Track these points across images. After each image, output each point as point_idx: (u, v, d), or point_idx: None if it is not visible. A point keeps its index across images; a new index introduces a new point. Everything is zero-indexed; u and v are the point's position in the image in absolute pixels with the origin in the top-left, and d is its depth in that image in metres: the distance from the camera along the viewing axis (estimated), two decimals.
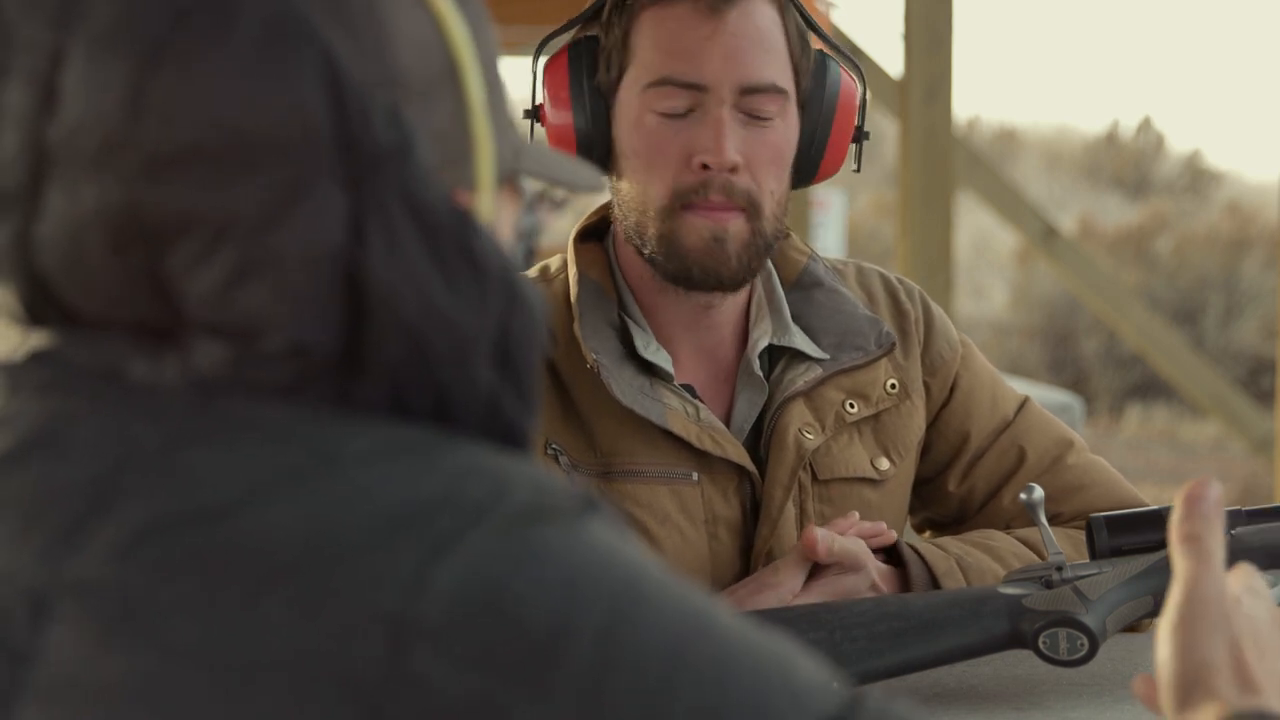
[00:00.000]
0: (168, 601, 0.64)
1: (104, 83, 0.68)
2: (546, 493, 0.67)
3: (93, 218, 0.69)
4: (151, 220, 0.69)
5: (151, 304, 0.70)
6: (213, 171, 0.68)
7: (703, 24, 1.56)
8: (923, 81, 4.88)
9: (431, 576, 0.63)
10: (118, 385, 0.70)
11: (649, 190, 1.57)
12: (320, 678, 0.62)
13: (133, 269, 0.70)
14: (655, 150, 1.57)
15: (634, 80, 1.58)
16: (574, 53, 1.60)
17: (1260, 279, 12.66)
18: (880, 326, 1.69)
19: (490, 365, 0.71)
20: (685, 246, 1.57)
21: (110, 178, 0.69)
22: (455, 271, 0.70)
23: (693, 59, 1.56)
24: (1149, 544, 1.47)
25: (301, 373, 0.70)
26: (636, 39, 1.58)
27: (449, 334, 0.70)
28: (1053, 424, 1.76)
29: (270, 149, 0.68)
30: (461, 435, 0.70)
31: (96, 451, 0.68)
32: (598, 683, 0.62)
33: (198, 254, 0.68)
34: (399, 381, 0.70)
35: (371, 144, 0.69)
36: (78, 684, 0.64)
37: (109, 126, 0.68)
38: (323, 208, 0.68)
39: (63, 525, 0.67)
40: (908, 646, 1.41)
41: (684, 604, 0.66)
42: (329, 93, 0.69)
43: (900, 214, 5.08)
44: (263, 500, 0.65)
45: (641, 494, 1.59)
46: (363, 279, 0.69)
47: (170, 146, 0.68)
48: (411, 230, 0.69)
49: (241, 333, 0.69)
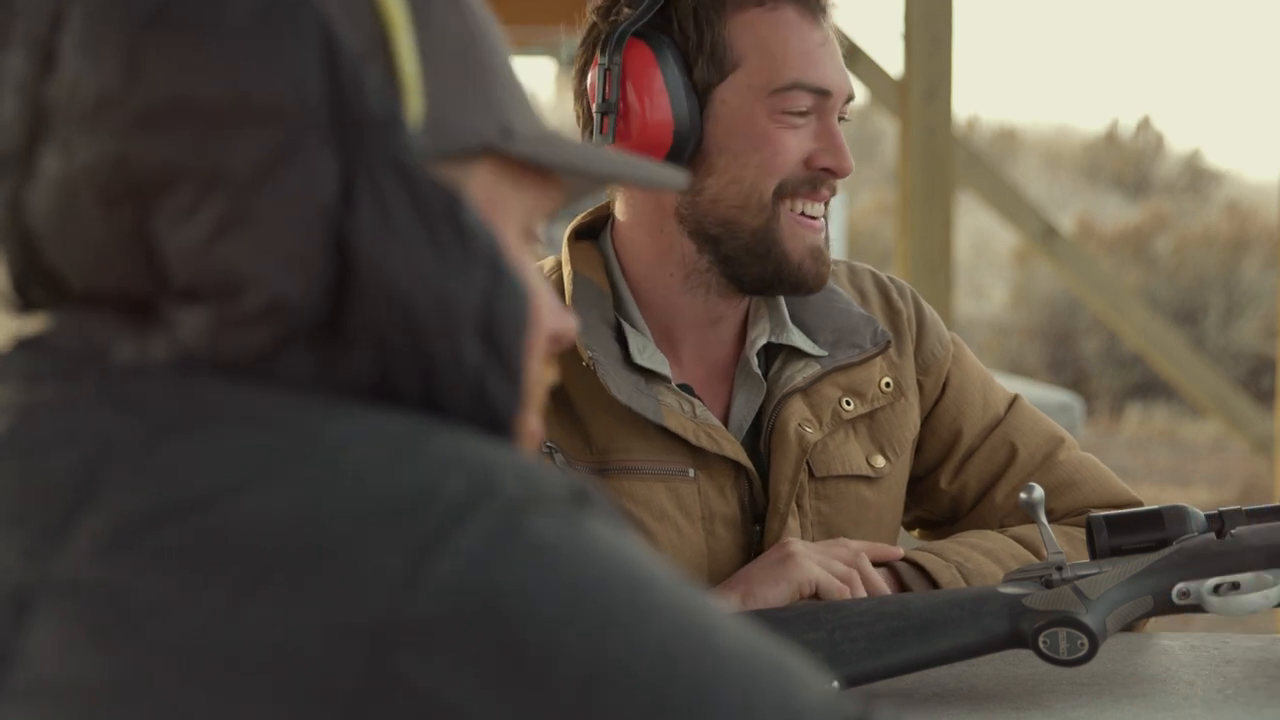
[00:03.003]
0: (151, 599, 0.63)
1: (101, 44, 0.69)
2: (534, 482, 0.66)
3: (85, 172, 0.70)
4: (141, 173, 0.69)
5: (136, 267, 0.70)
6: (204, 126, 0.68)
7: (813, 30, 1.61)
8: (923, 81, 4.88)
9: (419, 578, 0.62)
10: (102, 371, 0.70)
11: (760, 184, 1.60)
12: (305, 679, 0.61)
13: (121, 225, 0.70)
14: (774, 152, 1.59)
15: (745, 82, 1.59)
16: (659, 51, 1.59)
17: (1260, 279, 12.65)
18: (875, 324, 1.71)
19: (476, 341, 0.71)
20: (785, 249, 1.60)
21: (104, 132, 0.69)
22: (443, 241, 0.70)
23: (817, 65, 1.60)
24: (1149, 544, 1.47)
25: (280, 337, 0.69)
26: (740, 42, 1.59)
27: (435, 300, 0.70)
28: (1043, 421, 1.77)
29: (263, 108, 0.68)
30: (448, 422, 0.70)
31: (79, 444, 0.68)
32: (587, 690, 0.62)
33: (183, 208, 0.69)
34: (383, 351, 0.70)
35: (364, 112, 0.69)
36: (60, 683, 0.64)
37: (105, 84, 0.69)
38: (312, 169, 0.69)
39: (46, 521, 0.66)
40: (907, 646, 1.41)
41: (680, 608, 0.65)
42: (324, 59, 0.69)
43: (900, 214, 5.08)
44: (246, 490, 0.65)
45: (638, 490, 1.60)
46: (350, 242, 0.69)
47: (163, 100, 0.69)
48: (401, 197, 0.70)
49: (221, 290, 0.69)
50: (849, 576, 1.55)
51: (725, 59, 1.59)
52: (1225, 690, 1.45)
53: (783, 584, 1.53)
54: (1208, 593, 1.45)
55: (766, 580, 1.54)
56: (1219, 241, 13.34)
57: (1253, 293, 12.61)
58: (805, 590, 1.53)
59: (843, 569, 1.55)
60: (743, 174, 1.60)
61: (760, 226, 1.60)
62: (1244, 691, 1.45)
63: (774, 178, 1.59)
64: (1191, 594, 1.45)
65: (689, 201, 1.62)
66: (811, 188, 1.61)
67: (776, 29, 1.60)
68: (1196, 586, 1.45)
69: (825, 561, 1.55)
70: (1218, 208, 15.71)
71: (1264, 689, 1.45)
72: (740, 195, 1.60)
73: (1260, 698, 1.43)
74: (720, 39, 1.59)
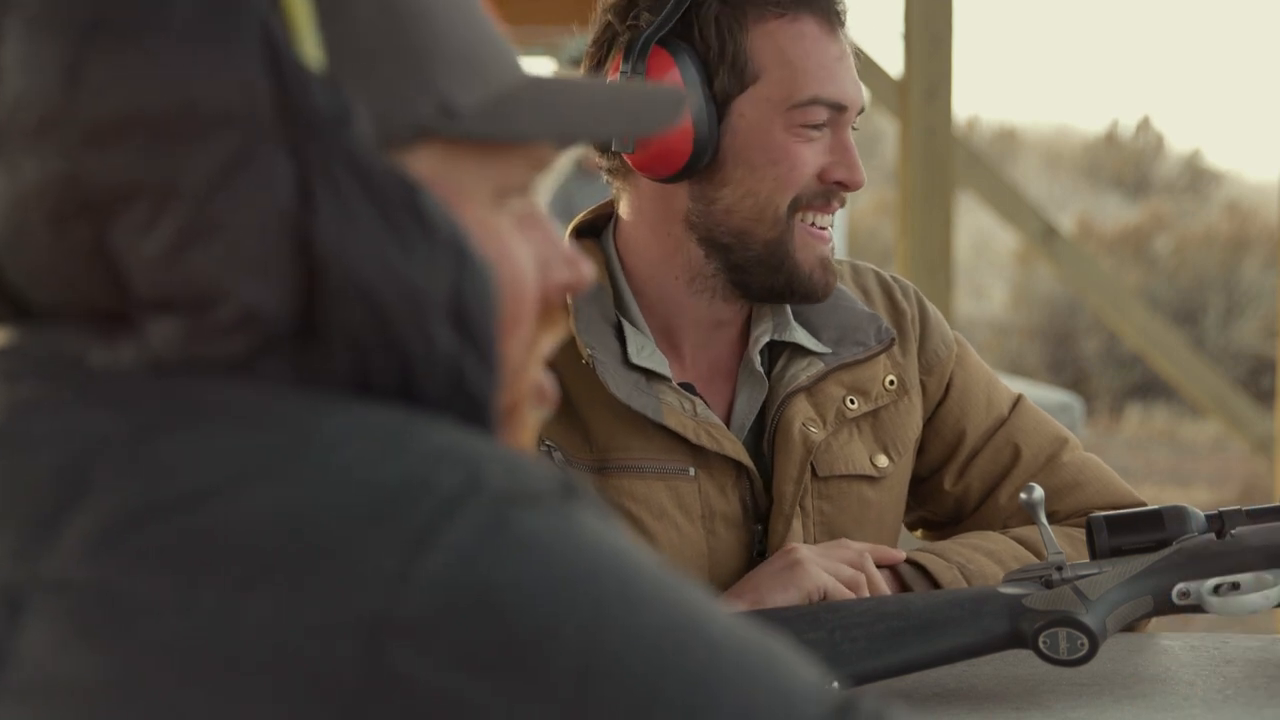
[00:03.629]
0: (145, 598, 0.63)
1: (41, 58, 0.68)
2: (522, 476, 0.66)
3: (34, 192, 0.69)
4: (93, 190, 0.68)
5: (99, 284, 0.70)
6: (153, 139, 0.68)
7: (831, 43, 1.61)
8: (923, 81, 4.88)
9: (413, 573, 0.62)
10: (80, 373, 0.70)
11: (776, 197, 1.60)
12: (304, 678, 0.61)
13: (77, 244, 0.69)
14: (791, 167, 1.59)
15: (765, 95, 1.59)
16: (680, 60, 1.58)
17: (1260, 279, 12.65)
18: (879, 322, 1.71)
19: (448, 326, 0.71)
20: (797, 259, 1.61)
21: (50, 150, 0.68)
22: (405, 231, 0.70)
23: (835, 79, 1.61)
24: (1149, 544, 1.47)
25: (256, 346, 0.69)
26: (761, 53, 1.59)
27: (403, 291, 0.69)
28: (1047, 422, 1.77)
29: (212, 116, 0.68)
30: (428, 413, 0.70)
31: (67, 443, 0.67)
32: (582, 682, 0.62)
33: (141, 223, 0.68)
34: (358, 348, 0.69)
35: (312, 111, 0.69)
36: (53, 683, 0.64)
37: (48, 100, 0.68)
38: (267, 173, 0.68)
39: (35, 521, 0.66)
40: (908, 646, 1.41)
41: (673, 600, 0.65)
42: (269, 61, 0.68)
43: (900, 214, 5.08)
44: (237, 487, 0.65)
45: (638, 489, 1.60)
46: (313, 242, 0.68)
47: (109, 116, 0.68)
48: (358, 193, 0.69)
49: (192, 304, 0.69)
50: (855, 580, 1.55)
51: (746, 70, 1.59)
52: (1225, 690, 1.45)
53: (792, 590, 1.53)
54: (1208, 593, 1.45)
55: (775, 587, 1.54)
56: (1219, 241, 13.34)
57: (1253, 293, 12.60)
58: (814, 597, 1.53)
59: (849, 573, 1.55)
60: (759, 187, 1.60)
61: (774, 239, 1.60)
62: (1244, 691, 1.45)
63: (789, 192, 1.60)
64: (1191, 594, 1.45)
65: (701, 210, 1.62)
66: (824, 201, 1.62)
67: (797, 41, 1.60)
68: (1196, 587, 1.45)
69: (831, 566, 1.55)
70: (1218, 208, 15.70)
71: (1264, 689, 1.45)
72: (755, 208, 1.60)
73: (1260, 698, 1.43)
74: (742, 49, 1.59)
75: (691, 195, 1.62)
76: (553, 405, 0.81)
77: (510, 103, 0.76)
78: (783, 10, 1.59)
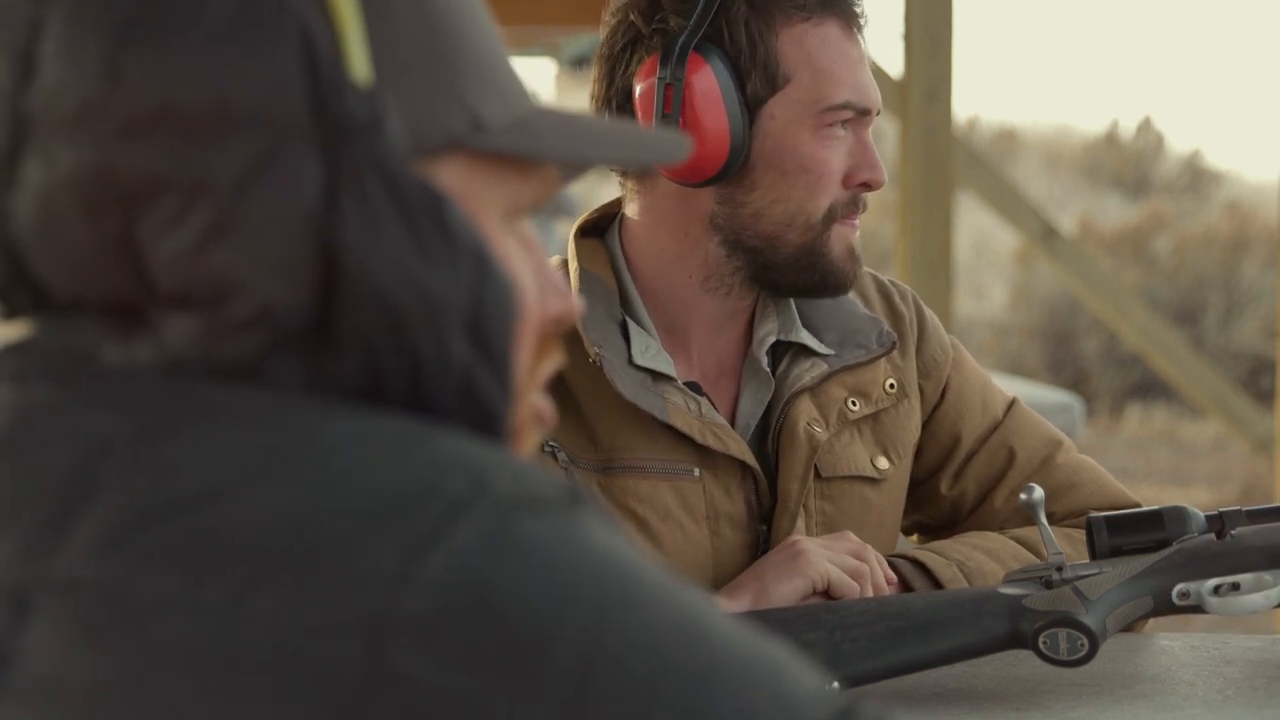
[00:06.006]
0: (150, 598, 0.63)
1: (81, 51, 0.69)
2: (528, 483, 0.66)
3: (68, 182, 0.69)
4: (126, 182, 0.69)
5: (122, 275, 0.70)
6: (187, 134, 0.68)
7: (852, 45, 1.62)
8: (923, 82, 4.88)
9: (415, 574, 0.62)
10: (91, 373, 0.70)
11: (807, 205, 1.60)
12: (305, 678, 0.61)
13: (106, 234, 0.70)
14: (823, 168, 1.60)
15: (795, 98, 1.59)
16: (714, 65, 1.58)
17: (1260, 279, 12.64)
18: (880, 325, 1.71)
19: (464, 338, 0.71)
20: (831, 257, 1.62)
21: (86, 141, 0.69)
22: (428, 241, 0.70)
23: (861, 83, 1.62)
24: (1149, 544, 1.47)
25: (269, 344, 0.69)
26: (790, 57, 1.59)
27: (422, 300, 0.70)
28: (1041, 424, 1.77)
29: (245, 115, 0.68)
30: (438, 423, 0.70)
31: (75, 443, 0.68)
32: (582, 683, 0.62)
33: (170, 217, 0.69)
34: (372, 353, 0.70)
35: (345, 115, 0.69)
36: (59, 683, 0.64)
37: (86, 92, 0.69)
38: (296, 174, 0.69)
39: (42, 521, 0.66)
40: (908, 646, 1.41)
41: (674, 604, 0.65)
42: (304, 64, 0.69)
43: (900, 214, 5.08)
44: (243, 489, 0.65)
45: (642, 489, 1.60)
46: (336, 245, 0.69)
47: (145, 109, 0.68)
48: (385, 199, 0.69)
49: (210, 298, 0.69)
50: (859, 570, 1.55)
51: (777, 74, 1.59)
52: (1225, 690, 1.45)
53: (796, 579, 1.53)
54: (1208, 593, 1.45)
55: (780, 577, 1.54)
56: (1219, 241, 13.33)
57: (1253, 293, 12.60)
58: (819, 585, 1.54)
59: (853, 563, 1.56)
60: (789, 194, 1.60)
61: (807, 242, 1.61)
62: (1244, 691, 1.45)
63: (821, 199, 1.60)
64: (1191, 594, 1.45)
65: (727, 213, 1.62)
66: (853, 208, 1.63)
67: (824, 46, 1.60)
68: (1196, 587, 1.45)
69: (835, 557, 1.56)
70: (1218, 208, 15.69)
71: (1264, 689, 1.45)
72: (786, 214, 1.61)
73: (1260, 698, 1.43)
74: (772, 53, 1.59)
75: (718, 198, 1.62)
76: (551, 426, 0.81)
77: (532, 124, 0.77)
78: (808, 14, 1.60)
